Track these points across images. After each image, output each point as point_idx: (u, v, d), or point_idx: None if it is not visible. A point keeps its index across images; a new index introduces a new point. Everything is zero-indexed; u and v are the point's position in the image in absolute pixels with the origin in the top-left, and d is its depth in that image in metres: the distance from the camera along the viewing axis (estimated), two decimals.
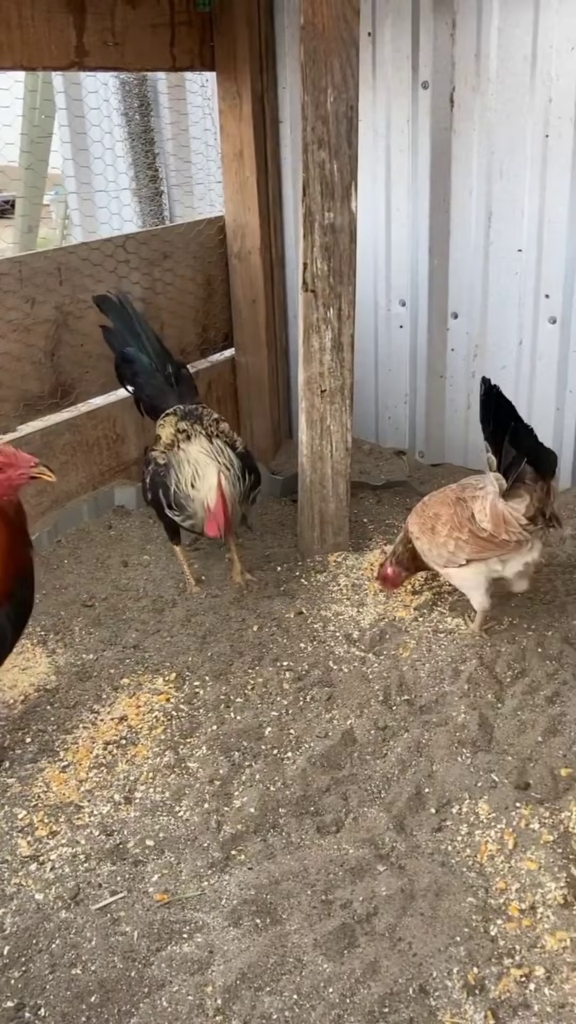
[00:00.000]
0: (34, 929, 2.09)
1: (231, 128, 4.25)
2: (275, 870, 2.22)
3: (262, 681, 2.94)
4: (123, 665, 3.04)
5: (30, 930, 2.08)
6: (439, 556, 3.01)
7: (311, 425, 3.55)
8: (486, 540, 2.85)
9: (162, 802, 2.45)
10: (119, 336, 3.64)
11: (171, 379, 3.56)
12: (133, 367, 3.60)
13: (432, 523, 3.01)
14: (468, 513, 2.89)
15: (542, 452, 2.74)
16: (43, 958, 2.02)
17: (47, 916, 2.12)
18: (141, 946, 2.04)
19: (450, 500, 2.99)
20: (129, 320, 3.63)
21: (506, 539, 2.81)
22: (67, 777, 2.55)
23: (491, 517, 2.82)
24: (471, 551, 2.90)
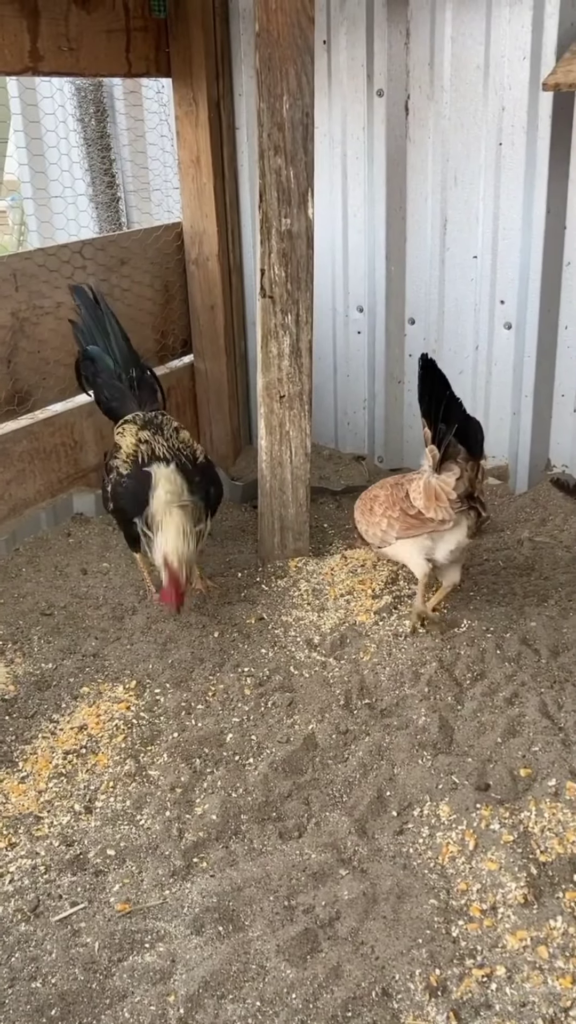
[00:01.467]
0: None
1: (187, 134, 4.25)
2: (237, 877, 2.21)
3: (223, 687, 2.93)
4: (83, 674, 3.02)
5: None
6: (373, 535, 3.20)
7: (270, 431, 3.55)
8: (414, 517, 3.00)
9: (123, 811, 2.43)
10: (86, 332, 3.59)
11: (133, 383, 3.54)
12: (95, 366, 3.56)
13: (370, 504, 3.22)
14: (403, 493, 3.07)
15: (470, 424, 2.86)
16: (2, 972, 1.99)
17: (6, 930, 2.09)
18: (102, 957, 2.02)
19: (389, 483, 3.20)
20: (100, 317, 3.59)
21: (432, 517, 2.94)
22: (26, 788, 2.52)
23: (423, 492, 2.95)
24: (400, 529, 3.05)
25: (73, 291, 3.63)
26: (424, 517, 2.96)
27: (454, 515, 2.92)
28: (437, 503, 2.92)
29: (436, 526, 2.96)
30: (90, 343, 3.57)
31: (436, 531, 2.99)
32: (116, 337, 3.58)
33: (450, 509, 2.90)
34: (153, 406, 3.53)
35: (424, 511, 2.95)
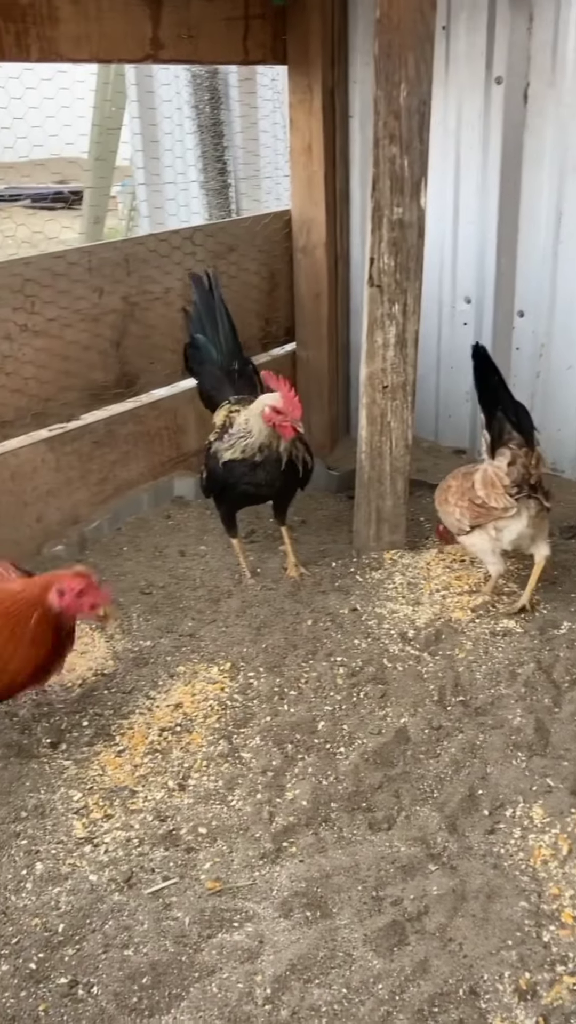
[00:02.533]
0: (88, 909, 2.12)
1: (301, 122, 4.25)
2: (326, 864, 2.23)
3: (316, 675, 2.94)
4: (179, 653, 3.07)
5: (84, 910, 2.12)
6: (451, 524, 3.31)
7: (371, 421, 3.54)
8: (479, 506, 3.10)
9: (215, 791, 2.47)
10: (197, 321, 3.65)
11: (234, 375, 3.58)
12: (200, 355, 3.63)
13: (445, 494, 3.34)
14: (469, 483, 3.17)
15: (519, 410, 2.98)
16: (96, 938, 2.05)
17: (101, 898, 2.15)
18: (192, 932, 2.06)
19: (460, 473, 3.32)
20: (212, 307, 3.64)
21: (493, 505, 3.04)
22: (122, 762, 2.58)
23: (482, 482, 3.08)
24: (471, 517, 3.16)
25: (191, 278, 3.68)
26: (488, 505, 3.06)
27: (512, 502, 2.98)
28: (493, 490, 3.02)
29: (500, 514, 3.04)
30: (198, 331, 3.62)
31: (500, 519, 3.06)
32: (224, 328, 3.62)
33: (506, 496, 2.98)
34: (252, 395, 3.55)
35: (485, 499, 3.05)
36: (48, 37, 3.19)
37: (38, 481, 3.67)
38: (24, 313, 3.46)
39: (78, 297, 3.63)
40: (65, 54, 3.29)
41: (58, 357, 3.62)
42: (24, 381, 3.52)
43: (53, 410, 3.67)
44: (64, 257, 3.60)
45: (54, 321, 3.57)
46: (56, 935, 2.06)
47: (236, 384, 3.59)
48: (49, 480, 3.69)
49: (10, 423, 3.52)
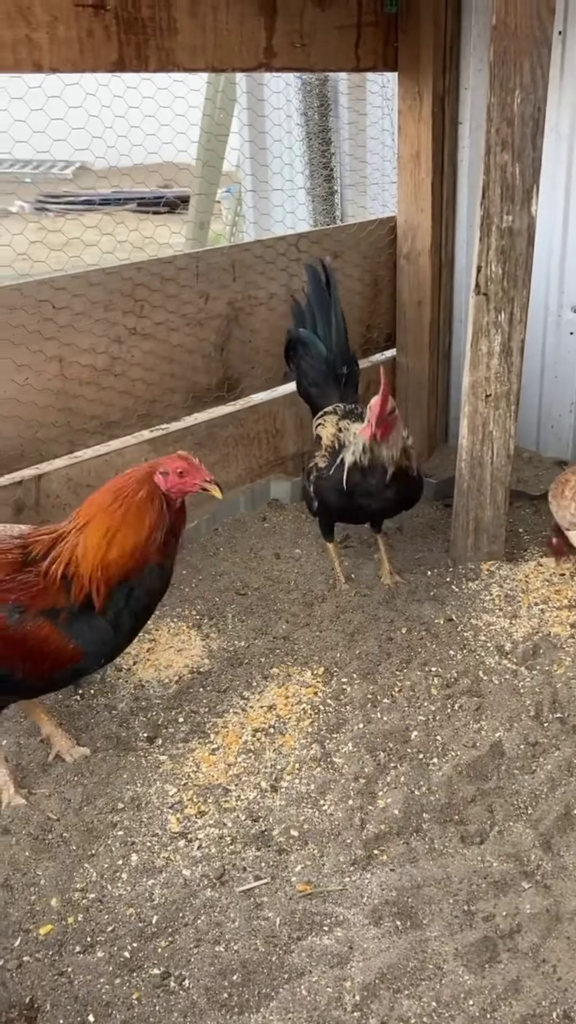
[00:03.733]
0: (181, 903, 2.16)
1: (409, 129, 4.23)
2: (417, 874, 2.22)
3: (409, 684, 2.93)
4: (273, 655, 3.10)
5: (177, 903, 2.16)
6: (563, 518, 3.31)
7: (473, 430, 3.51)
8: None
9: (307, 794, 2.49)
10: (308, 314, 3.64)
11: (341, 379, 3.58)
12: (304, 349, 3.61)
13: (562, 488, 3.33)
14: None
15: None
16: (188, 932, 2.09)
17: (193, 892, 2.19)
18: (282, 933, 2.08)
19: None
20: (325, 303, 3.62)
21: None
22: (216, 760, 2.62)
23: None
24: None
25: (306, 269, 3.68)
26: None
27: None
28: None
29: None
30: (305, 325, 3.62)
31: None
32: (337, 326, 3.60)
33: None
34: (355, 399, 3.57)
35: None
36: (166, 48, 3.27)
37: None
38: (134, 317, 3.55)
39: (185, 302, 3.70)
40: (182, 64, 3.36)
41: (164, 360, 3.70)
42: (132, 383, 3.61)
43: (157, 411, 3.75)
44: (173, 262, 3.67)
45: (161, 325, 3.65)
46: (150, 926, 2.11)
47: (343, 390, 3.58)
48: None
49: (117, 423, 3.61)
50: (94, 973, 2.01)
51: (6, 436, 3.22)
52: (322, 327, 3.61)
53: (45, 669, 2.35)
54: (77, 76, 3.19)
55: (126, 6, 3.09)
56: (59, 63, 2.98)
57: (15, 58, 2.87)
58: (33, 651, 2.31)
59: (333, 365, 3.60)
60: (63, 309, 3.31)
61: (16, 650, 2.30)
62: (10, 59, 2.86)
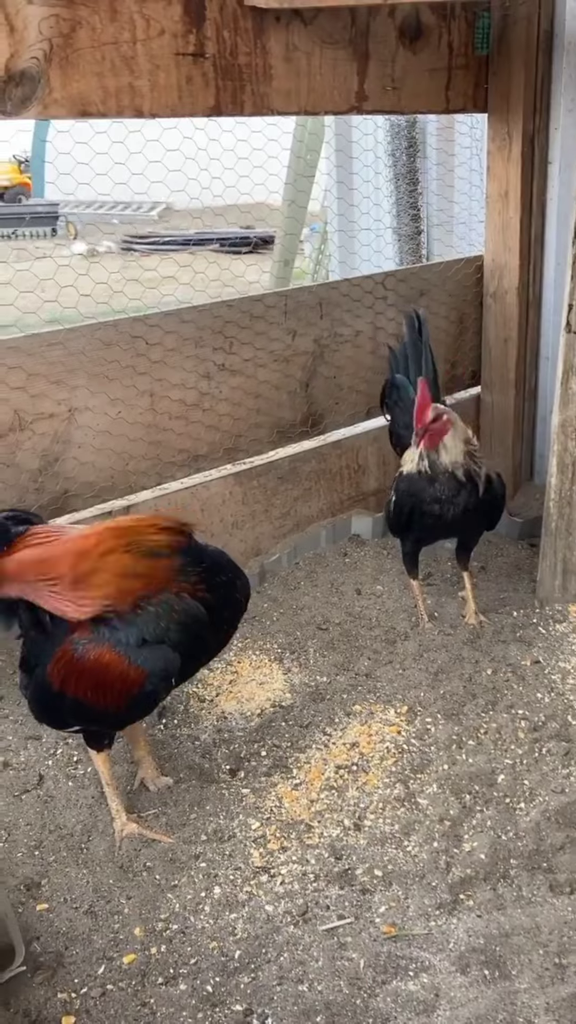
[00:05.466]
0: (263, 939, 2.15)
1: (498, 169, 4.25)
2: (505, 922, 2.16)
3: (496, 727, 2.88)
4: (355, 691, 3.08)
5: (260, 939, 2.15)
6: None
7: (562, 469, 3.46)
8: None
9: (391, 834, 2.45)
10: (401, 359, 3.69)
11: None
12: (398, 394, 3.66)
13: None
14: None
15: None
16: (271, 969, 2.07)
17: (276, 928, 2.18)
18: (367, 975, 2.05)
19: None
20: (418, 348, 3.66)
21: None
22: (299, 795, 2.61)
23: None
24: None
25: (404, 318, 3.72)
26: None
27: None
28: None
29: None
30: (400, 371, 3.66)
31: None
32: (427, 369, 3.62)
33: None
34: None
35: None
36: (261, 93, 3.35)
37: (225, 513, 3.79)
38: (223, 353, 3.62)
39: (273, 339, 3.76)
40: (276, 108, 3.44)
41: (251, 396, 3.75)
42: (219, 418, 3.67)
43: (243, 446, 3.80)
44: (262, 300, 3.74)
45: (249, 361, 3.71)
46: (232, 960, 2.10)
47: None
48: (235, 512, 3.82)
49: (204, 457, 3.67)
50: (176, 1006, 2.00)
51: (99, 468, 3.30)
52: (413, 370, 3.63)
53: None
54: (174, 120, 3.30)
55: (224, 53, 3.18)
56: (159, 109, 3.08)
57: (118, 105, 2.98)
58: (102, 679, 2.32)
59: None
60: (156, 345, 3.39)
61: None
62: (114, 106, 2.97)
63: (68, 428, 3.25)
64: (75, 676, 2.31)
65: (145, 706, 2.44)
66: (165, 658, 2.35)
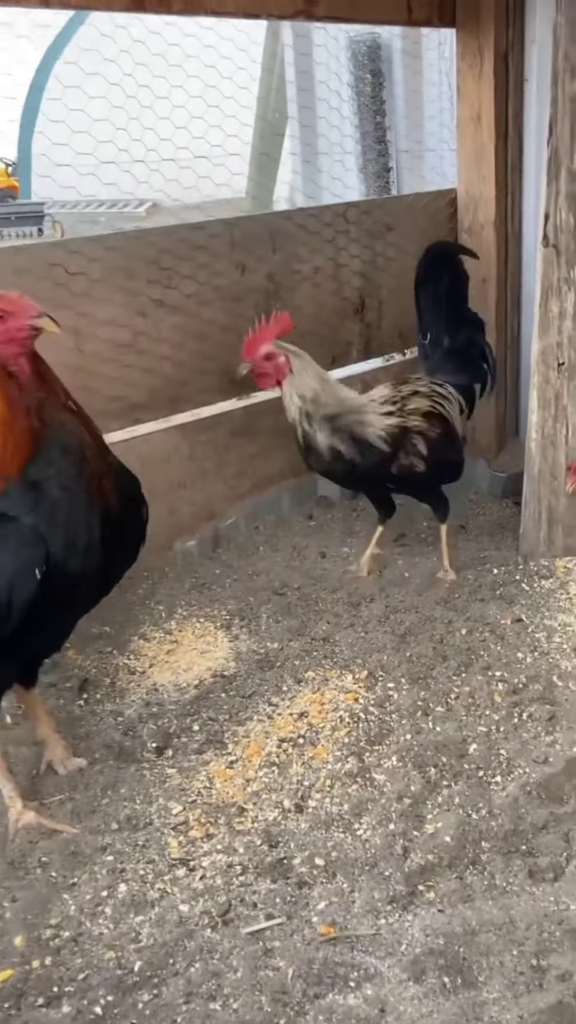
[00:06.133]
0: (173, 946, 1.73)
1: (469, 89, 3.85)
2: (472, 917, 1.75)
3: (468, 691, 2.47)
4: (310, 657, 2.67)
5: (168, 946, 1.73)
6: None
7: (544, 405, 3.05)
8: None
9: (339, 815, 2.04)
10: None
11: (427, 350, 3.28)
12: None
13: None
14: None
15: None
16: (178, 983, 1.66)
17: (190, 933, 1.76)
18: (296, 988, 1.63)
19: None
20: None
21: None
22: (233, 774, 2.20)
23: None
24: None
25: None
26: None
27: None
28: None
29: None
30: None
31: None
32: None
33: None
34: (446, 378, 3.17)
35: None
36: None
37: (170, 471, 3.39)
38: (160, 287, 3.21)
39: (218, 273, 3.36)
40: (210, 7, 3.04)
41: (195, 337, 3.35)
42: (159, 361, 3.26)
43: (188, 395, 3.39)
44: (204, 228, 3.33)
45: (191, 298, 3.31)
46: (131, 974, 1.69)
47: (430, 361, 3.27)
48: (182, 471, 3.41)
49: (143, 406, 3.26)
50: None
51: None
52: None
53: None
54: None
55: None
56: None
57: None
58: None
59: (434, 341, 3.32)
60: (78, 275, 2.98)
61: None
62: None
63: None
64: None
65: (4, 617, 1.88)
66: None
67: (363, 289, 3.86)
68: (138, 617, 2.95)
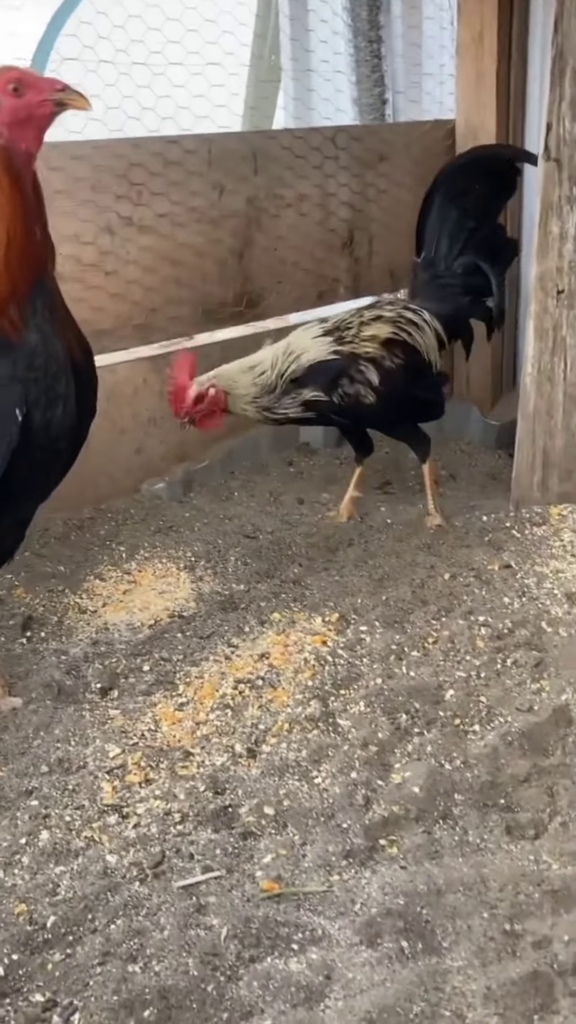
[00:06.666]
0: (93, 900, 1.51)
1: (470, 7, 3.58)
2: (439, 876, 1.52)
3: (448, 635, 2.24)
4: (277, 599, 2.45)
5: (88, 900, 1.51)
6: None
7: (540, 335, 2.81)
8: None
9: (295, 762, 1.81)
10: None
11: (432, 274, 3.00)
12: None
13: None
14: None
15: None
16: (95, 941, 1.44)
17: (115, 886, 1.54)
18: (229, 950, 1.41)
19: None
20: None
21: None
22: (183, 717, 1.97)
23: None
24: None
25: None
26: None
27: None
28: None
29: None
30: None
31: None
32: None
33: None
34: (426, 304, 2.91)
35: None
36: None
37: (139, 406, 3.15)
38: (129, 203, 2.96)
39: (194, 192, 3.10)
40: None
41: (167, 261, 3.09)
42: (126, 285, 3.01)
43: (160, 324, 3.14)
44: (179, 143, 3.08)
45: (164, 217, 3.06)
46: (43, 931, 1.46)
47: (419, 287, 3.04)
48: (152, 406, 3.17)
49: (108, 333, 3.00)
50: None
51: None
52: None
53: None
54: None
55: None
56: None
57: None
58: None
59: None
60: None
61: None
62: None
63: None
64: None
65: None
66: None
67: (352, 222, 3.60)
68: (96, 557, 2.72)
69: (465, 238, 3.02)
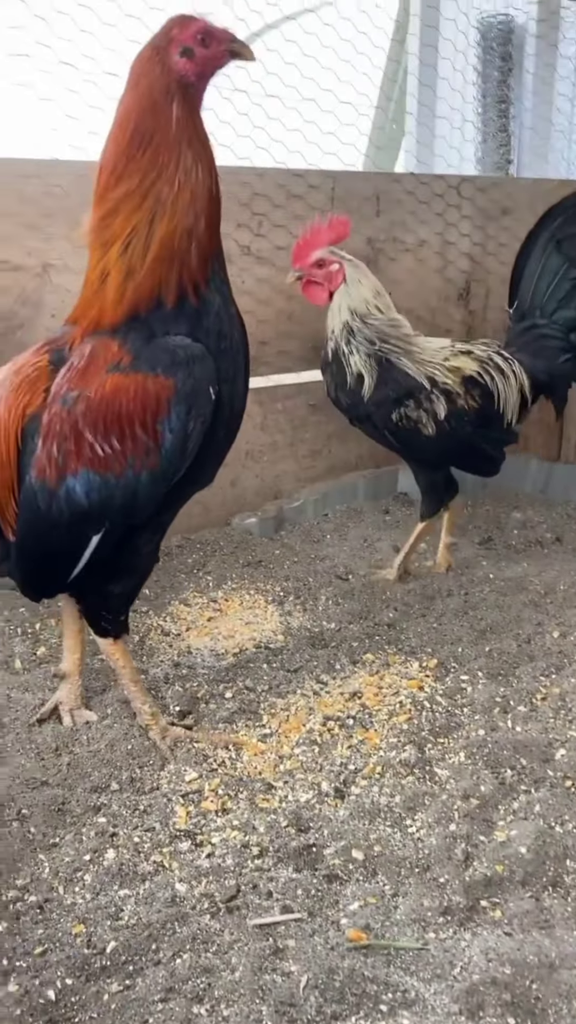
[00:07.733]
0: (159, 929, 1.36)
1: None
2: (550, 948, 1.33)
3: (559, 692, 2.05)
4: (371, 640, 2.29)
5: (153, 928, 1.36)
6: None
7: None
8: None
9: (388, 807, 1.64)
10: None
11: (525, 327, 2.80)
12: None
13: None
14: None
15: None
16: (158, 974, 1.28)
17: (183, 916, 1.38)
18: (309, 1002, 1.23)
19: None
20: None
21: None
22: (265, 748, 1.82)
23: None
24: None
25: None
26: None
27: None
28: None
29: None
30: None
31: None
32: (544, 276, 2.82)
33: None
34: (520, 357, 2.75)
35: None
36: None
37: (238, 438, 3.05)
38: (248, 233, 2.95)
39: None
40: None
41: (282, 295, 3.05)
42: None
43: (267, 357, 3.09)
44: (304, 177, 3.06)
45: (283, 251, 3.02)
46: (101, 956, 1.31)
47: (510, 333, 2.85)
48: (251, 439, 3.10)
49: None
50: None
51: None
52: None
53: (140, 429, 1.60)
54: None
55: None
56: None
57: None
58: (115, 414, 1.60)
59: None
60: None
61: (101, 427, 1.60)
62: None
63: (40, 288, 2.60)
64: (74, 437, 1.60)
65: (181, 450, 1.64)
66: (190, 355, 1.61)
67: (470, 273, 3.52)
68: (182, 584, 2.62)
69: (568, 288, 2.82)
